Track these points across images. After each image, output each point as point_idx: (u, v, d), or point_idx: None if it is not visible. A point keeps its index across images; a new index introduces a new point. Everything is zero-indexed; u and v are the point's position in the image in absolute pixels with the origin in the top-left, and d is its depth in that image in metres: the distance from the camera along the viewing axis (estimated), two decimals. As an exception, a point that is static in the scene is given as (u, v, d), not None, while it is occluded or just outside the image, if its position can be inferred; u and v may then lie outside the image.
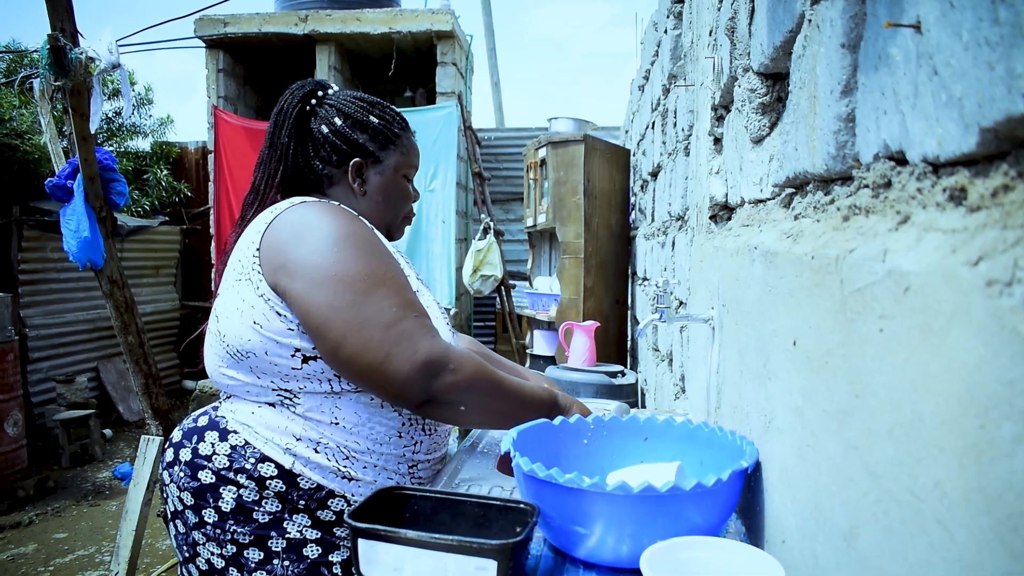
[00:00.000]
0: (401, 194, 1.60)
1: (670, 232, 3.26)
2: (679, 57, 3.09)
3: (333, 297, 1.26)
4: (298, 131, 1.52)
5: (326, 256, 1.28)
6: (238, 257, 1.39)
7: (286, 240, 1.32)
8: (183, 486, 1.36)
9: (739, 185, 1.47)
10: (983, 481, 0.46)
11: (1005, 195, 0.51)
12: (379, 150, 1.55)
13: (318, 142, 1.52)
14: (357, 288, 1.26)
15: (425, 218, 7.50)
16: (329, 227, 1.32)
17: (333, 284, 1.26)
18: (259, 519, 1.33)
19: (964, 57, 0.55)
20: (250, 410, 1.37)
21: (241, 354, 1.35)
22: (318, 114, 1.53)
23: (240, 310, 1.34)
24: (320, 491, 1.35)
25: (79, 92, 3.00)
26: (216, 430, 1.38)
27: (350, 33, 7.80)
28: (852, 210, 0.79)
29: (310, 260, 1.29)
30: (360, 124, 1.53)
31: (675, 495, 0.94)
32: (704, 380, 1.62)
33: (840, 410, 0.71)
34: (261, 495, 1.33)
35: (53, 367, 6.96)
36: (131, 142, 8.60)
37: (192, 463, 1.36)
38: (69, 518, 5.11)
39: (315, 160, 1.52)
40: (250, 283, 1.34)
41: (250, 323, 1.33)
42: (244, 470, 1.33)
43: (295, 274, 1.29)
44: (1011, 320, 0.43)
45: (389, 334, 1.24)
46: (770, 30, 1.15)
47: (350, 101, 1.54)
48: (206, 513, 1.34)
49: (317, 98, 1.54)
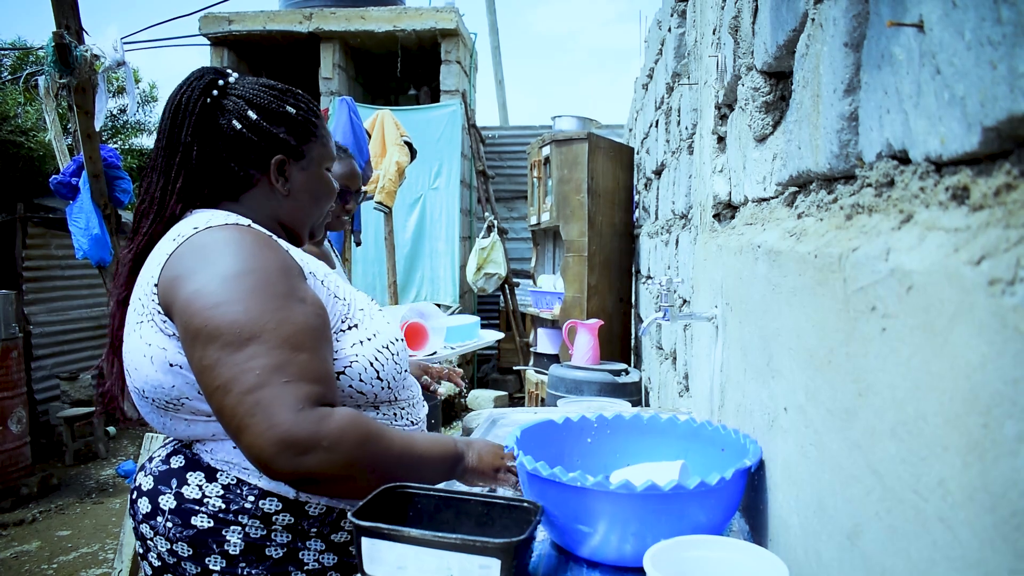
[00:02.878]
0: (326, 189, 1.44)
1: (674, 230, 3.26)
2: (683, 55, 3.09)
3: (201, 353, 1.10)
4: (202, 128, 1.30)
5: (203, 301, 1.11)
6: (138, 295, 1.22)
7: (179, 275, 1.16)
8: (175, 536, 1.19)
9: (742, 183, 1.47)
10: (986, 479, 0.46)
11: (1008, 194, 0.51)
12: (300, 143, 1.36)
13: (229, 139, 1.30)
14: (224, 342, 1.08)
15: (429, 216, 7.50)
16: (222, 263, 1.14)
17: (201, 338, 1.10)
18: (273, 555, 1.20)
19: (966, 56, 0.55)
20: (230, 446, 1.21)
21: (174, 403, 1.19)
22: (224, 107, 1.31)
23: (149, 356, 1.18)
24: (331, 514, 1.25)
25: (84, 90, 3.01)
26: (199, 469, 1.22)
27: (354, 31, 7.81)
28: (855, 209, 0.79)
29: (189, 305, 1.12)
30: (276, 115, 1.33)
31: (679, 494, 0.94)
32: (708, 378, 1.63)
33: (843, 409, 0.71)
34: (269, 530, 1.20)
35: (57, 364, 6.98)
36: (136, 139, 8.63)
37: (180, 510, 1.19)
38: (72, 516, 5.12)
39: (229, 161, 1.31)
40: (152, 323, 1.18)
41: (166, 367, 1.16)
42: (244, 510, 1.19)
43: (178, 318, 1.14)
44: (1014, 319, 0.43)
45: (245, 403, 1.05)
46: (773, 29, 1.15)
47: (260, 90, 1.34)
48: (211, 561, 1.18)
49: (219, 88, 1.32)
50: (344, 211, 2.30)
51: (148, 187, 1.32)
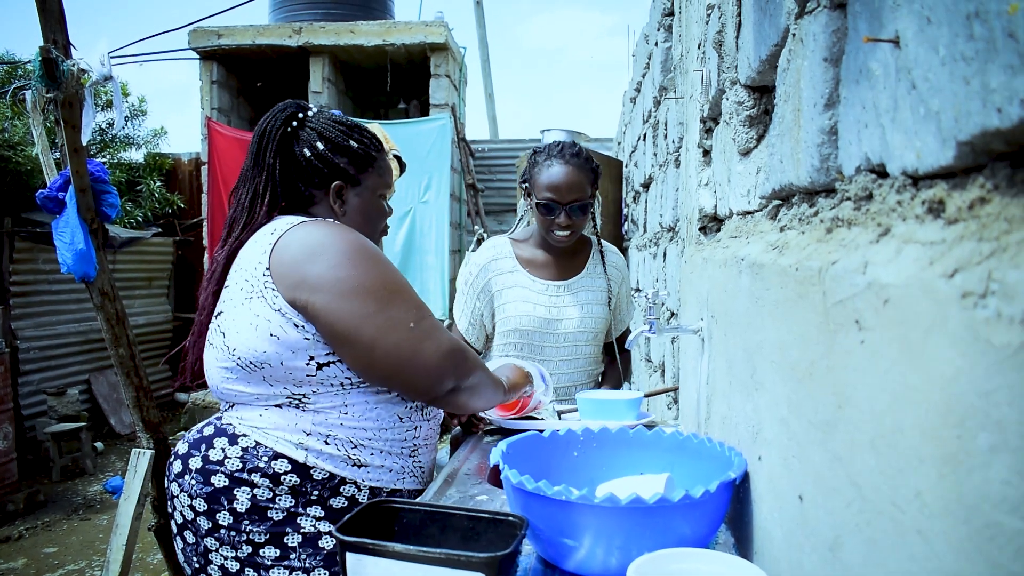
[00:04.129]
0: (378, 213, 1.69)
1: (661, 243, 3.27)
2: (669, 70, 3.11)
3: (361, 307, 1.37)
4: (282, 152, 1.57)
5: (345, 271, 1.38)
6: (244, 277, 1.45)
7: (299, 259, 1.40)
8: (195, 493, 1.42)
9: (727, 197, 1.47)
10: (961, 491, 0.46)
11: (981, 207, 0.51)
12: (358, 173, 1.62)
13: (301, 165, 1.57)
14: (379, 297, 1.39)
15: (419, 229, 7.51)
16: (340, 243, 1.41)
17: (358, 296, 1.38)
18: (274, 517, 1.40)
19: (941, 72, 0.55)
20: (257, 413, 1.45)
21: (255, 365, 1.42)
22: (300, 137, 1.58)
23: (254, 325, 1.41)
24: (332, 480, 1.44)
25: (71, 104, 3.00)
26: (224, 436, 1.45)
27: (344, 45, 7.83)
28: (835, 222, 0.79)
29: (330, 275, 1.38)
30: (341, 148, 1.59)
31: (663, 507, 0.94)
32: (695, 391, 1.63)
33: (824, 421, 0.72)
34: (275, 492, 1.40)
35: (44, 379, 6.94)
36: (124, 153, 8.60)
37: (204, 469, 1.42)
38: (59, 532, 5.08)
39: (298, 182, 1.58)
40: (263, 300, 1.41)
41: (267, 335, 1.40)
42: (258, 468, 1.40)
43: (317, 288, 1.37)
44: (985, 332, 0.43)
45: (415, 334, 1.40)
46: (756, 44, 1.16)
47: (330, 125, 1.60)
48: (220, 516, 1.40)
49: (298, 120, 1.58)
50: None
51: (240, 198, 1.57)
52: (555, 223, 2.23)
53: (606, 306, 2.38)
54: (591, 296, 2.35)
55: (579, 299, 2.34)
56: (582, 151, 2.30)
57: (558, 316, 2.30)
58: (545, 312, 2.29)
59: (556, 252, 2.37)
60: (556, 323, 2.29)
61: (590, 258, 2.43)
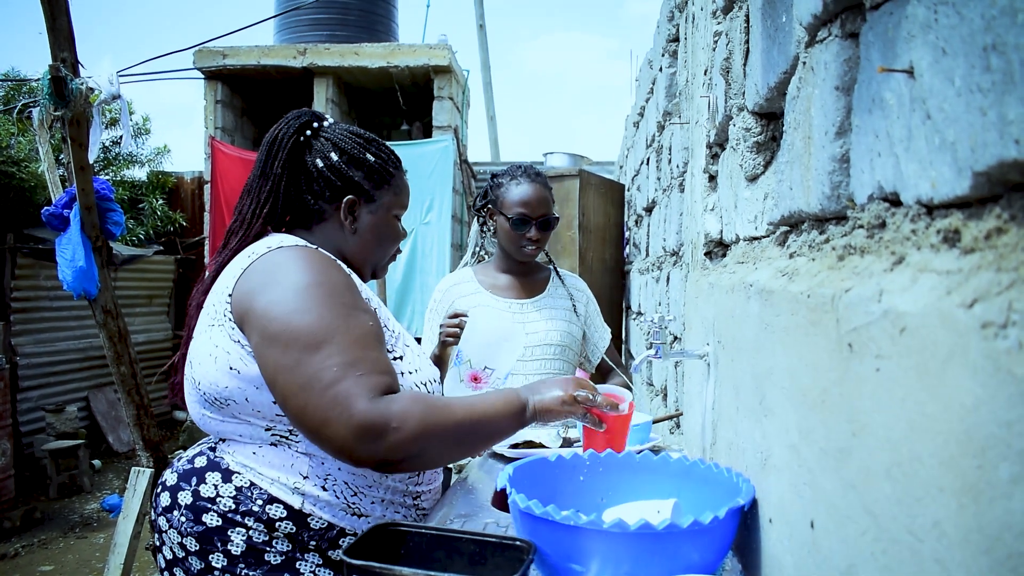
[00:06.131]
0: (391, 234, 1.58)
1: (664, 267, 3.28)
2: (674, 95, 3.12)
3: (280, 355, 1.22)
4: (292, 162, 1.46)
5: (281, 309, 1.24)
6: (212, 301, 1.36)
7: (253, 288, 1.29)
8: (186, 531, 1.31)
9: (734, 222, 1.48)
10: (982, 521, 0.46)
11: (998, 237, 0.52)
12: (373, 188, 1.51)
13: (312, 176, 1.47)
14: (302, 344, 1.21)
15: (420, 251, 7.51)
16: (295, 276, 1.28)
17: (281, 341, 1.22)
18: (271, 560, 1.29)
19: (957, 102, 0.56)
20: (251, 451, 1.34)
21: (220, 401, 1.32)
22: (313, 147, 1.48)
23: (214, 356, 1.31)
24: (331, 530, 1.32)
25: (78, 122, 3.02)
26: (217, 471, 1.33)
27: (348, 67, 7.88)
28: (847, 250, 0.80)
29: (267, 312, 1.25)
30: (356, 161, 1.49)
31: (672, 532, 0.94)
32: (699, 416, 1.62)
33: (837, 448, 0.72)
34: (271, 536, 1.30)
35: (43, 396, 6.92)
36: (127, 171, 8.63)
37: (194, 506, 1.31)
38: (56, 550, 5.04)
39: (307, 194, 1.48)
40: (223, 329, 1.31)
41: (226, 369, 1.29)
42: (251, 512, 1.29)
43: (253, 325, 1.26)
44: (1007, 362, 0.43)
45: (325, 398, 1.17)
46: (764, 71, 1.17)
47: (347, 136, 1.50)
48: (214, 558, 1.29)
49: (312, 129, 1.49)
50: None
51: (241, 208, 1.47)
52: (526, 236, 2.38)
53: (572, 323, 2.46)
54: (555, 313, 2.44)
55: (543, 315, 2.42)
56: (541, 172, 2.52)
57: (523, 331, 2.33)
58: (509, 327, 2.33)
59: (518, 275, 2.49)
60: (522, 336, 2.32)
61: (550, 281, 2.55)
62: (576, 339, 2.46)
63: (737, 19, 1.41)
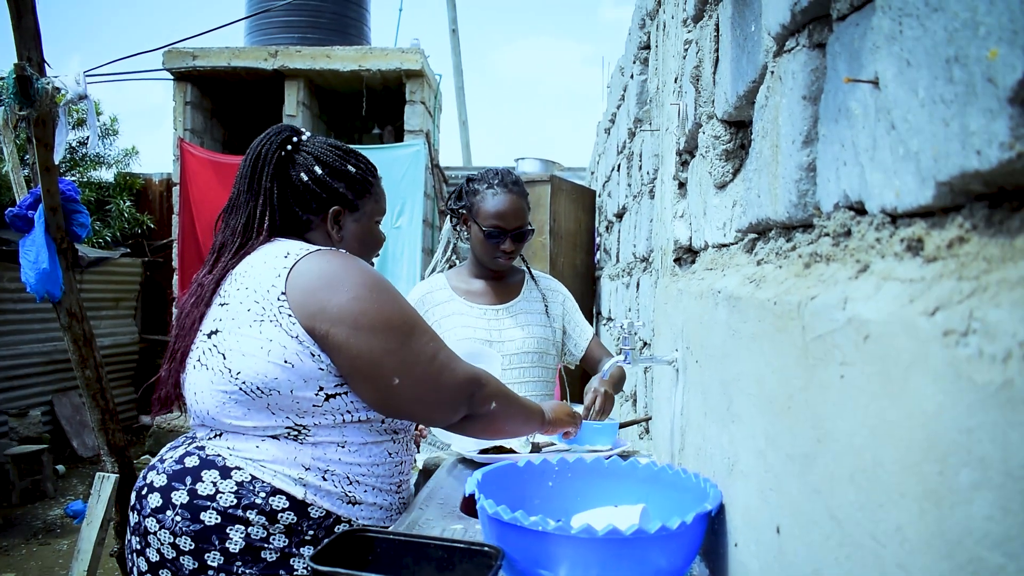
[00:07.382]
0: (374, 240, 1.68)
1: (635, 273, 3.30)
2: (645, 102, 3.14)
3: (383, 342, 1.37)
4: (277, 176, 1.54)
5: (366, 303, 1.37)
6: (252, 298, 1.39)
7: (318, 287, 1.37)
8: (180, 531, 1.33)
9: (703, 229, 1.49)
10: (943, 526, 0.46)
11: (960, 247, 0.53)
12: (356, 198, 1.60)
13: (298, 189, 1.54)
14: (400, 331, 1.40)
15: (392, 255, 7.49)
16: (358, 275, 1.40)
17: (380, 330, 1.37)
18: (267, 558, 1.34)
19: (920, 113, 0.57)
20: (253, 445, 1.38)
21: (261, 391, 1.36)
22: (296, 161, 1.55)
23: (267, 350, 1.36)
24: (328, 518, 1.39)
25: (44, 122, 2.97)
26: (214, 468, 1.37)
27: (319, 69, 7.83)
28: (813, 257, 0.81)
29: (352, 307, 1.36)
30: (339, 173, 1.57)
31: (639, 538, 0.94)
32: (668, 421, 1.63)
33: (803, 454, 0.72)
34: (269, 531, 1.34)
35: (6, 400, 6.79)
36: (94, 172, 8.50)
37: (192, 505, 1.34)
38: (18, 557, 4.94)
39: (295, 206, 1.55)
40: (277, 325, 1.36)
41: (280, 361, 1.35)
42: (254, 505, 1.34)
43: (338, 320, 1.35)
44: (967, 369, 0.44)
45: (434, 366, 1.42)
46: (734, 80, 1.18)
47: (327, 149, 1.58)
48: (210, 556, 1.32)
49: (293, 144, 1.56)
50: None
51: (232, 224, 1.53)
52: (499, 249, 2.34)
53: (547, 326, 2.43)
54: (530, 318, 2.42)
55: (519, 321, 2.40)
56: (519, 179, 2.46)
57: (499, 338, 2.33)
58: (485, 335, 2.33)
59: (491, 280, 2.46)
60: (498, 345, 2.33)
61: (524, 284, 2.52)
62: (552, 343, 2.44)
63: (707, 28, 1.42)
